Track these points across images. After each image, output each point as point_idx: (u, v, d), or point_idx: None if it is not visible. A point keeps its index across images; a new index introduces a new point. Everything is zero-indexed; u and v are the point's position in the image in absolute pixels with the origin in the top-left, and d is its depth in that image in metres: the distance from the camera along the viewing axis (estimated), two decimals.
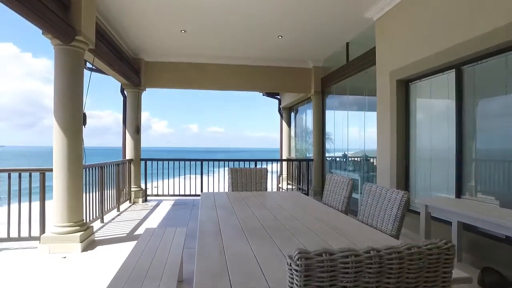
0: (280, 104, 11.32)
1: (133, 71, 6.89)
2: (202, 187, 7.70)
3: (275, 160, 9.25)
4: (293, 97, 9.89)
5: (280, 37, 6.31)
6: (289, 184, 10.12)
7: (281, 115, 11.33)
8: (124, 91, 7.48)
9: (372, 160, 6.46)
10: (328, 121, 8.08)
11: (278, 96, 11.28)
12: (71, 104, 3.97)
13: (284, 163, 10.38)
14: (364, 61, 5.91)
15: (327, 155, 8.16)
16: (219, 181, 7.82)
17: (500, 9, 2.92)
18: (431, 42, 3.83)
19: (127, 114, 7.44)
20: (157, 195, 7.77)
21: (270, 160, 8.66)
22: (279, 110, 11.35)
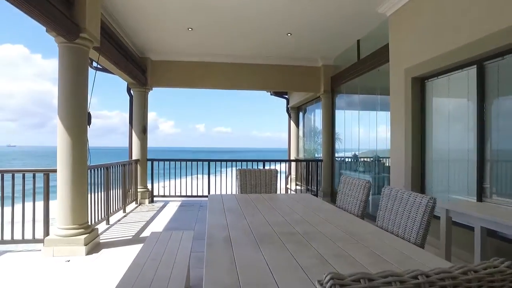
0: (288, 103, 11.15)
1: (139, 70, 6.79)
2: (209, 188, 7.57)
3: (283, 161, 9.09)
4: (301, 96, 9.71)
5: (289, 34, 6.16)
6: (297, 185, 9.94)
7: (289, 115, 11.16)
8: (131, 91, 7.39)
9: (383, 161, 6.27)
10: (337, 121, 7.89)
11: (286, 96, 11.10)
12: (75, 103, 3.87)
13: (293, 164, 10.21)
14: (376, 59, 5.71)
15: (336, 155, 7.98)
16: (226, 182, 7.69)
17: None
18: (450, 36, 3.63)
19: (133, 113, 7.35)
20: (164, 196, 7.67)
21: (279, 160, 8.50)
22: (287, 110, 11.18)
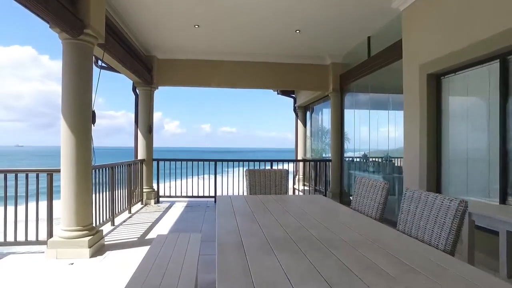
0: (295, 102, 10.99)
1: (145, 68, 6.69)
2: (216, 188, 7.44)
3: (291, 161, 8.93)
4: (309, 95, 9.55)
5: (297, 31, 6.00)
6: (305, 185, 9.78)
7: (296, 114, 11.00)
8: (136, 90, 7.29)
9: (395, 161, 6.09)
10: (347, 120, 7.72)
11: (293, 95, 10.94)
12: (79, 101, 3.76)
13: (300, 164, 10.05)
14: (388, 56, 5.54)
15: (345, 155, 7.81)
16: (233, 182, 7.55)
17: None
18: (469, 30, 3.46)
19: (139, 113, 7.24)
20: (170, 196, 7.54)
21: (286, 160, 8.34)
22: (294, 109, 11.02)
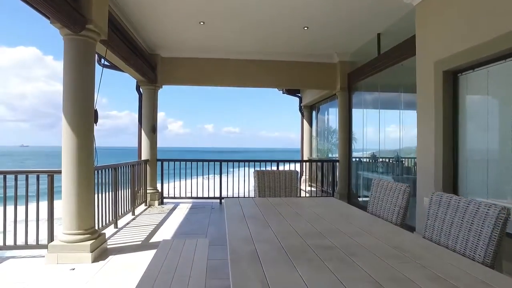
0: (301, 102, 10.81)
1: (149, 67, 6.55)
2: (221, 189, 7.28)
3: (297, 161, 8.75)
4: (315, 94, 9.37)
5: (305, 28, 5.83)
6: (310, 186, 9.59)
7: (302, 114, 10.82)
8: (140, 89, 7.15)
9: (405, 161, 5.91)
10: (355, 120, 7.54)
11: (299, 94, 10.77)
12: (81, 100, 3.62)
13: (306, 164, 9.87)
14: (399, 53, 5.35)
15: (353, 155, 7.63)
16: (238, 183, 7.40)
17: None
18: (491, 23, 3.27)
19: (142, 112, 7.11)
20: (174, 197, 7.38)
21: (293, 161, 8.17)
22: (300, 109, 10.84)
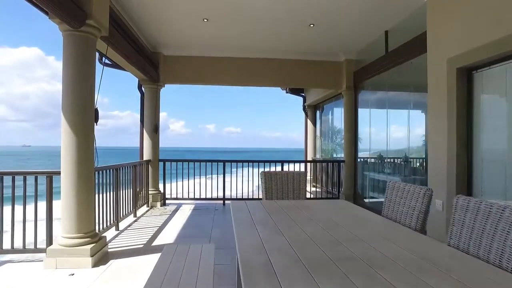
0: (304, 101, 10.65)
1: (151, 65, 6.40)
2: (225, 190, 7.13)
3: (302, 161, 8.60)
4: (319, 94, 9.21)
5: (311, 25, 5.68)
6: (314, 187, 9.43)
7: (306, 114, 10.66)
8: (142, 87, 7.01)
9: (413, 162, 5.75)
10: (360, 119, 7.38)
11: (303, 94, 10.61)
12: (81, 97, 3.48)
13: (309, 165, 9.71)
14: (409, 50, 5.19)
15: (359, 155, 7.47)
16: (242, 184, 7.25)
17: None
18: (508, 17, 3.12)
19: (144, 111, 6.96)
20: (176, 198, 7.24)
21: (298, 161, 8.01)
22: (304, 108, 10.68)
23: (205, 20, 5.47)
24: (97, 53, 4.78)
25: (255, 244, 1.79)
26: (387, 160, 6.49)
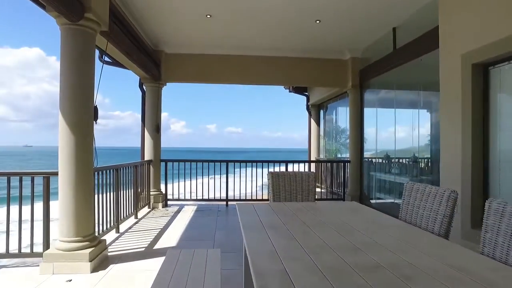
0: (308, 101, 10.49)
1: (153, 63, 6.25)
2: (228, 191, 6.97)
3: (307, 162, 8.44)
4: (323, 93, 9.04)
5: (318, 21, 5.51)
6: (320, 188, 9.26)
7: (310, 113, 10.49)
8: (143, 86, 6.86)
9: (422, 162, 5.58)
10: (366, 119, 7.21)
11: (307, 93, 10.44)
12: (80, 94, 3.33)
13: (313, 165, 9.54)
14: (419, 47, 5.02)
15: (365, 155, 7.30)
16: (246, 184, 7.09)
17: None
18: None
19: (146, 111, 6.81)
20: (178, 199, 7.08)
21: (302, 161, 7.85)
22: (307, 108, 10.52)
23: (208, 16, 5.32)
24: (97, 51, 4.65)
25: (267, 251, 1.62)
26: (395, 160, 6.33)
